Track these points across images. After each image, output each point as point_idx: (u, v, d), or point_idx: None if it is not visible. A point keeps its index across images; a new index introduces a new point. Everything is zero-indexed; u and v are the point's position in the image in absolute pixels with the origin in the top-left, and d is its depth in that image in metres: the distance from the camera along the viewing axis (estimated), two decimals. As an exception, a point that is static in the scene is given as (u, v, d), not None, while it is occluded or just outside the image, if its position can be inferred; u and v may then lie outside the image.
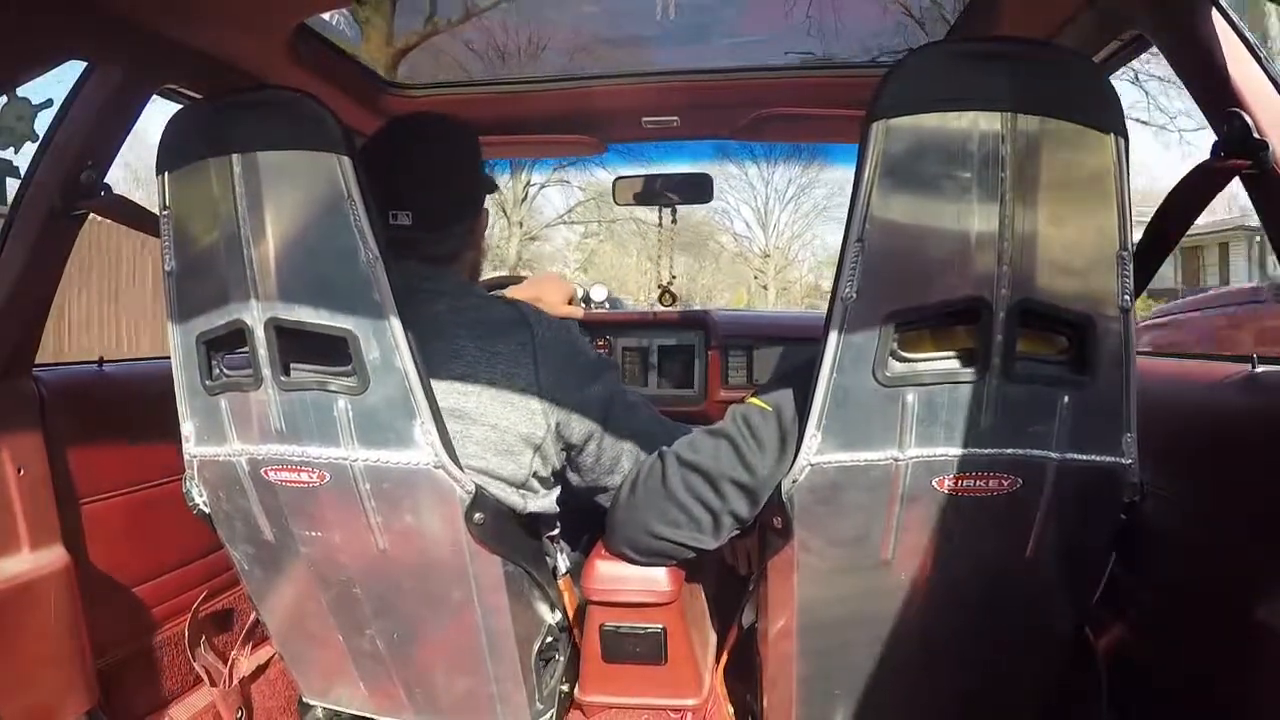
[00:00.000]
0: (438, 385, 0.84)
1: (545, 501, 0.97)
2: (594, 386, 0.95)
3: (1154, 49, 0.92)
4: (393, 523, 0.85)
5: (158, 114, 0.94)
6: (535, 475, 0.93)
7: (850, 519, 0.77)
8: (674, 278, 1.94)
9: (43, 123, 1.01)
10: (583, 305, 1.98)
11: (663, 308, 1.94)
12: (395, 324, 0.77)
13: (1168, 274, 14.34)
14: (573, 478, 0.99)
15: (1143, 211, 0.81)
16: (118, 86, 1.02)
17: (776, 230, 20.54)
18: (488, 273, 1.20)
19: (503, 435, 0.89)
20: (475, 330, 0.89)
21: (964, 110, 0.67)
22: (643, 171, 1.93)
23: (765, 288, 20.16)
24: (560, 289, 1.34)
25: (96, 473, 1.09)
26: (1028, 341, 0.71)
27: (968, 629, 0.83)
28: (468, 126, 1.01)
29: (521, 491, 0.92)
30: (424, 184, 0.94)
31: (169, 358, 0.86)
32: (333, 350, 0.80)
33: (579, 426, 0.93)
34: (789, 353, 1.84)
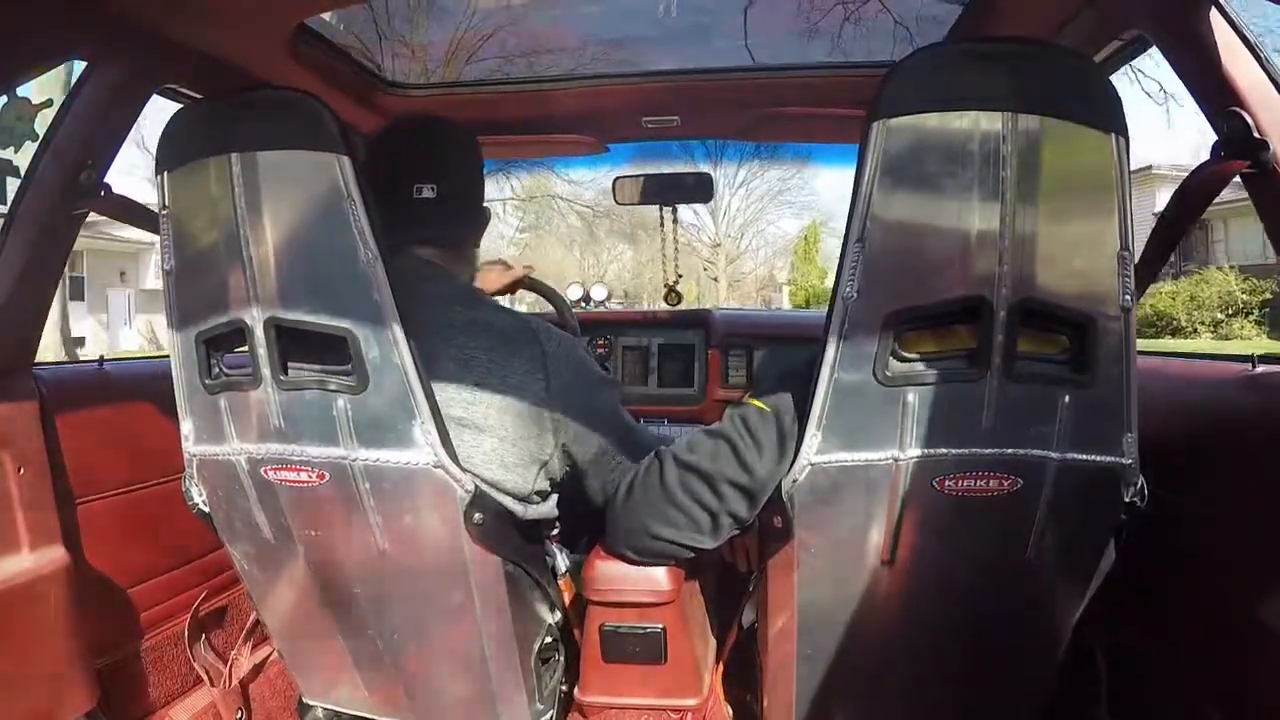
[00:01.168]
0: (447, 393, 0.84)
1: (545, 508, 0.97)
2: (601, 406, 0.96)
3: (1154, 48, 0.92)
4: (392, 522, 0.85)
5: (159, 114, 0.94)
6: (537, 491, 0.93)
7: (850, 519, 0.77)
8: (680, 276, 1.94)
9: (42, 123, 1.01)
10: (583, 305, 1.98)
11: (668, 306, 1.94)
12: (395, 324, 0.77)
13: (1255, 248, 12.09)
14: (573, 489, 1.00)
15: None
16: (118, 86, 1.02)
17: (728, 217, 19.15)
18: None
19: (511, 448, 0.89)
20: (486, 340, 0.89)
21: (965, 110, 0.67)
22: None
23: (716, 280, 18.85)
24: (492, 268, 1.42)
25: (96, 472, 1.09)
26: (1031, 341, 0.71)
27: (968, 628, 0.83)
28: (451, 126, 1.05)
29: (524, 504, 0.93)
30: (449, 159, 0.97)
31: (169, 357, 0.86)
32: (332, 349, 0.80)
33: (585, 445, 0.94)
34: (777, 353, 1.84)
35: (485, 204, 1.06)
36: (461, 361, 0.87)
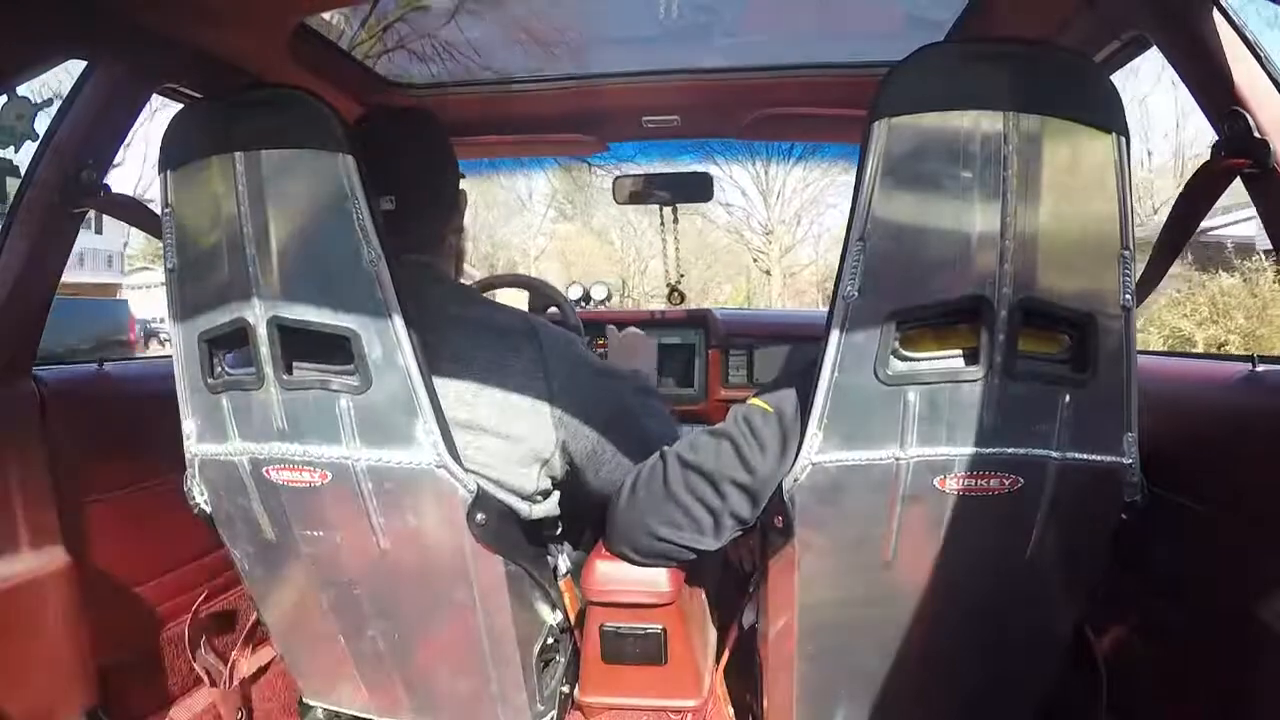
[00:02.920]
0: (447, 394, 0.84)
1: (549, 506, 0.97)
2: (601, 402, 0.95)
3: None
4: (394, 522, 0.85)
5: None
6: (540, 490, 0.94)
7: (851, 518, 0.77)
8: (682, 276, 1.94)
9: (43, 123, 1.01)
10: (583, 305, 1.98)
11: (671, 306, 1.95)
12: (398, 323, 0.77)
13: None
14: (574, 486, 0.99)
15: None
16: (118, 86, 1.02)
17: (781, 200, 16.10)
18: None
19: (514, 447, 0.89)
20: (484, 339, 0.89)
21: (966, 110, 0.67)
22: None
23: (768, 273, 16.35)
24: None
25: (96, 473, 1.09)
26: (1032, 340, 0.71)
27: (968, 628, 0.83)
28: (427, 112, 1.03)
29: (528, 502, 0.93)
30: (400, 165, 0.93)
31: (169, 357, 0.86)
32: (335, 349, 0.80)
33: (584, 442, 0.93)
34: (795, 352, 1.84)
35: (460, 188, 1.02)
36: (460, 361, 0.87)
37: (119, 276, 17.38)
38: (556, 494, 0.99)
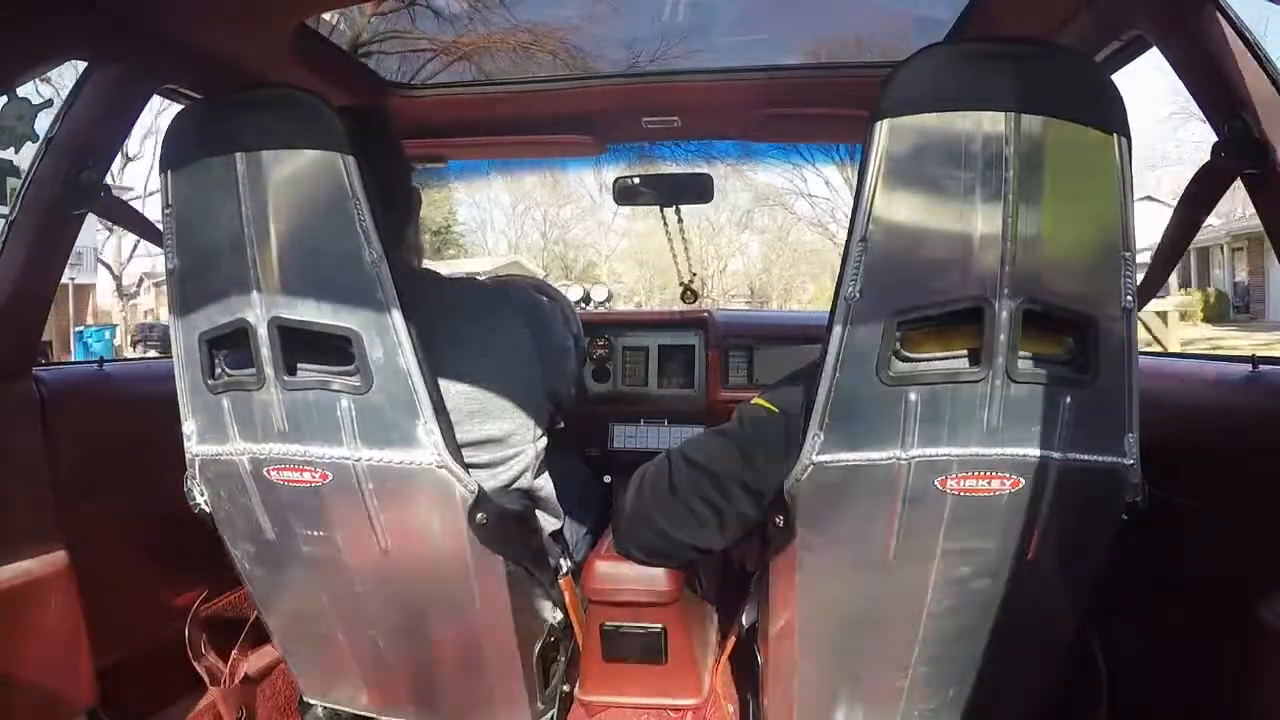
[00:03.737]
0: (448, 379, 0.84)
1: (541, 444, 0.99)
2: (566, 341, 1.03)
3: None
4: (395, 522, 0.85)
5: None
6: (536, 438, 0.96)
7: (853, 518, 0.77)
8: (694, 275, 1.95)
9: (43, 123, 1.01)
10: (583, 305, 1.98)
11: (685, 305, 1.95)
12: (399, 323, 0.77)
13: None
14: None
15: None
16: (118, 86, 1.02)
17: None
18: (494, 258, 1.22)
19: (514, 409, 0.91)
20: (469, 314, 0.92)
21: (967, 110, 0.67)
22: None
23: None
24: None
25: (97, 473, 1.09)
26: (1033, 341, 0.71)
27: (969, 628, 0.83)
28: (377, 109, 1.04)
29: (534, 445, 0.95)
30: (367, 169, 0.90)
31: (169, 357, 0.86)
32: (336, 349, 0.80)
33: (564, 382, 1.01)
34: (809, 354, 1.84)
35: (412, 186, 1.03)
36: (457, 345, 0.88)
37: (91, 276, 15.90)
38: (544, 438, 1.01)
